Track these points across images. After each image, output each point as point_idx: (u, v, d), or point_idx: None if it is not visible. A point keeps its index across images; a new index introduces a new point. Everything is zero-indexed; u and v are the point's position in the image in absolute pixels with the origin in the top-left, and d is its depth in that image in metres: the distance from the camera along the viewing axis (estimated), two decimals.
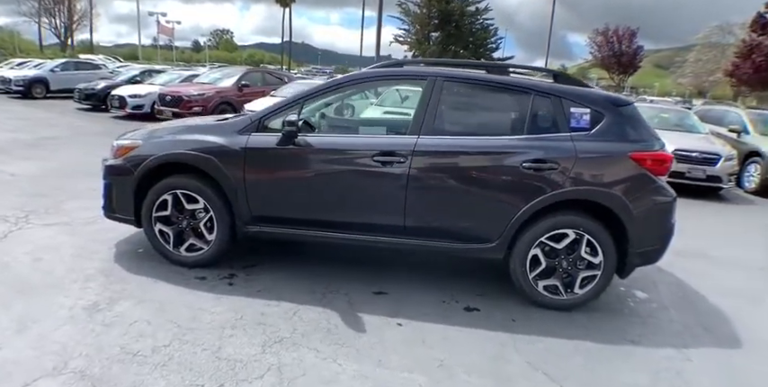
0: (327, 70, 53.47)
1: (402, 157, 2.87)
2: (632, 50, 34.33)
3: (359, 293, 3.05)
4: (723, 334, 2.93)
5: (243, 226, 3.12)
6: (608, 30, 34.97)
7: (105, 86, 11.86)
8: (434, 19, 29.81)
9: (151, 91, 11.01)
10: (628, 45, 34.31)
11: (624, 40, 34.33)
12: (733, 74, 24.25)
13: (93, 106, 12.00)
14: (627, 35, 34.38)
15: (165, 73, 13.28)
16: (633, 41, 34.33)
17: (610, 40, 34.70)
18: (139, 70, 13.80)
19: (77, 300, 2.71)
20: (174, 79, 12.22)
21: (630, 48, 34.31)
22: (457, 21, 29.55)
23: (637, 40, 34.33)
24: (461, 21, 29.75)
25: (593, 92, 3.06)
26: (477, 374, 2.31)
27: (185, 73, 13.07)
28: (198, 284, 3.01)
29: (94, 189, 4.98)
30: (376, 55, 18.77)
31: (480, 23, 30.77)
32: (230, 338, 2.43)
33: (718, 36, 35.13)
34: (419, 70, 3.12)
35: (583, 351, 2.60)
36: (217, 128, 3.12)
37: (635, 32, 34.34)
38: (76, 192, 4.86)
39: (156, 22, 31.24)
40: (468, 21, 30.32)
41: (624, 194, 2.83)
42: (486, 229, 2.94)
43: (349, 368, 2.27)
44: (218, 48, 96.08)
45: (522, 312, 2.97)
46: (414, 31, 31.47)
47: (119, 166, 3.18)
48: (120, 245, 3.57)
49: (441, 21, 29.54)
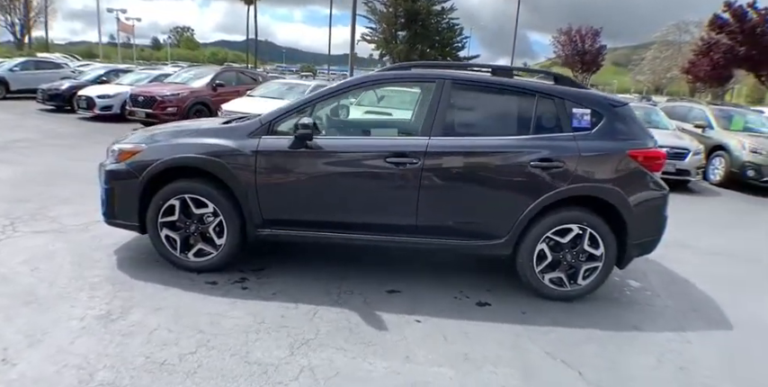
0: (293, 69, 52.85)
1: (415, 158, 2.93)
2: (595, 49, 35.72)
3: (373, 293, 3.09)
4: (715, 317, 3.15)
5: (254, 229, 3.10)
6: (571, 29, 36.22)
7: (70, 86, 11.29)
8: (401, 18, 29.99)
9: (120, 91, 10.58)
10: (591, 44, 35.67)
11: (587, 39, 35.67)
12: (689, 71, 25.61)
13: (57, 107, 11.42)
14: (590, 35, 35.74)
15: (133, 72, 12.78)
16: (596, 40, 35.73)
17: (573, 39, 35.96)
18: (105, 70, 13.21)
19: (87, 309, 2.63)
20: (142, 79, 11.78)
21: (593, 47, 35.69)
22: (423, 20, 29.85)
23: (600, 39, 35.78)
24: (428, 20, 30.07)
25: (592, 93, 3.22)
26: (501, 365, 2.41)
27: (154, 72, 12.60)
28: (210, 289, 2.98)
29: (80, 194, 4.85)
30: (350, 53, 18.72)
31: (446, 23, 31.20)
32: (256, 343, 2.43)
33: (675, 34, 37.01)
34: (427, 73, 3.19)
35: (593, 339, 2.75)
36: (226, 131, 3.08)
37: (598, 32, 35.77)
38: (61, 197, 4.66)
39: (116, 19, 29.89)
40: (435, 20, 30.67)
41: (624, 190, 2.99)
42: (496, 227, 3.04)
43: (379, 366, 2.32)
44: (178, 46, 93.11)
45: (530, 305, 3.10)
46: (380, 29, 31.60)
47: (122, 171, 3.09)
48: (120, 252, 3.47)
49: (407, 20, 29.75)
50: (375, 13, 30.54)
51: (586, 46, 35.54)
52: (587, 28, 35.93)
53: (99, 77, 12.30)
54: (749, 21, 17.20)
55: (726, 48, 18.60)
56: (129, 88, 10.56)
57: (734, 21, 17.64)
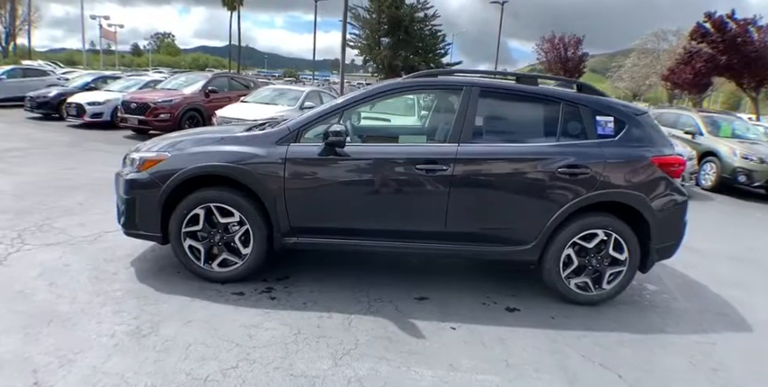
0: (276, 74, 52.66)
1: (444, 165, 2.94)
2: (578, 57, 36.51)
3: (402, 300, 3.08)
4: (734, 319, 3.23)
5: (281, 238, 3.06)
6: (554, 37, 37.03)
7: (58, 94, 11.00)
8: (384, 24, 30.28)
9: (110, 98, 10.35)
10: (573, 52, 36.50)
11: (570, 47, 36.52)
12: (668, 78, 26.44)
13: (45, 115, 11.10)
14: (573, 42, 36.57)
15: (123, 79, 12.53)
16: (579, 48, 36.58)
17: (557, 46, 36.74)
18: (93, 77, 12.91)
19: (115, 325, 2.53)
20: (132, 85, 11.55)
21: (576, 54, 36.51)
22: (406, 26, 30.19)
23: (582, 47, 36.68)
24: (411, 26, 30.43)
25: (614, 101, 3.30)
26: (543, 371, 2.42)
27: (143, 79, 12.39)
28: (239, 300, 2.92)
29: (81, 204, 4.72)
30: (341, 60, 18.77)
31: (429, 29, 31.62)
32: (297, 354, 2.38)
33: (654, 43, 38.18)
34: (455, 80, 3.22)
35: (625, 342, 2.79)
36: (252, 139, 3.04)
37: (580, 40, 36.58)
38: (64, 207, 4.52)
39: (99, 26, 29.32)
40: (418, 27, 31.06)
41: (648, 196, 3.06)
42: (523, 232, 3.07)
43: (425, 375, 2.30)
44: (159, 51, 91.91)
45: (558, 309, 3.12)
46: (364, 36, 31.83)
47: (144, 180, 3.01)
48: (137, 263, 3.38)
49: (390, 26, 30.06)
50: (359, 19, 30.76)
51: (569, 53, 36.38)
52: (570, 36, 36.83)
53: (87, 84, 12.02)
54: (730, 31, 17.95)
55: (707, 56, 19.32)
56: (118, 95, 10.34)
57: (715, 31, 18.36)
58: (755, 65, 17.96)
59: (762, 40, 18.00)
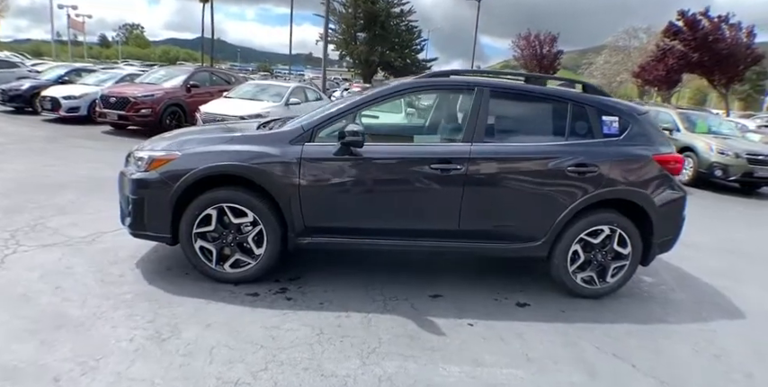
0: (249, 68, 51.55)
1: (458, 164, 2.98)
2: (552, 54, 37.33)
3: (417, 298, 3.11)
4: (727, 307, 3.42)
5: (295, 238, 3.04)
6: (530, 34, 37.68)
7: (31, 87, 10.45)
8: (360, 19, 30.07)
9: (87, 92, 9.92)
10: (549, 49, 37.25)
11: (546, 44, 37.24)
12: (639, 75, 27.27)
13: (17, 108, 10.55)
14: (548, 40, 37.33)
15: (98, 72, 12.01)
16: (553, 46, 37.37)
17: (533, 44, 37.42)
18: (66, 69, 12.31)
19: (132, 330, 2.47)
20: (108, 79, 11.09)
21: (551, 52, 37.29)
22: (383, 22, 30.10)
23: (557, 44, 37.49)
24: (387, 22, 30.36)
25: (618, 101, 3.40)
26: (562, 363, 2.51)
27: (120, 72, 11.91)
28: (255, 302, 2.89)
29: (71, 202, 4.55)
30: (323, 55, 18.54)
31: (405, 25, 31.59)
32: (324, 354, 2.39)
33: (625, 40, 39.22)
34: (466, 80, 3.24)
35: (632, 333, 2.91)
36: (266, 138, 2.99)
37: (555, 38, 37.39)
38: (54, 206, 4.35)
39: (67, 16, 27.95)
40: (394, 22, 31.00)
41: (650, 192, 3.19)
42: (534, 229, 3.15)
43: (453, 371, 2.35)
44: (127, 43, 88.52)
45: (565, 304, 3.23)
46: (340, 30, 31.51)
47: (153, 180, 2.93)
48: (142, 265, 3.29)
49: (367, 21, 29.91)
50: (334, 13, 30.41)
51: (544, 51, 37.10)
52: (546, 33, 37.55)
53: (61, 77, 11.46)
54: (702, 29, 18.65)
55: (680, 54, 20.03)
56: (95, 89, 9.92)
57: (687, 29, 19.04)
58: (726, 62, 18.74)
59: (733, 37, 18.77)
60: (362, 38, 30.85)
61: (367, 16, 29.75)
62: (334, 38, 32.16)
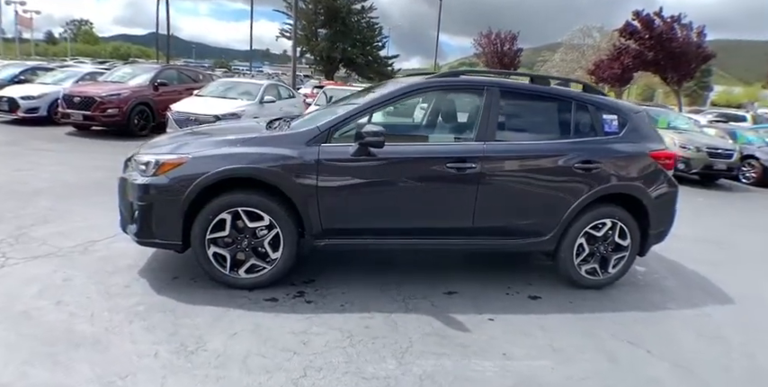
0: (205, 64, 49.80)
1: (473, 163, 3.03)
2: (513, 52, 38.43)
3: (434, 296, 3.15)
4: (717, 293, 3.66)
5: (312, 240, 2.99)
6: (491, 33, 38.60)
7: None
8: (321, 15, 29.71)
9: (46, 91, 9.27)
10: (509, 47, 38.31)
11: (506, 42, 38.27)
12: (594, 72, 28.53)
13: None
14: (509, 38, 38.36)
15: (56, 71, 11.23)
16: (514, 44, 38.45)
17: (494, 42, 38.35)
18: (21, 68, 11.42)
19: (154, 344, 2.36)
20: (67, 77, 10.40)
21: (512, 50, 38.36)
22: (344, 18, 29.88)
23: (517, 42, 38.58)
24: (348, 18, 30.14)
25: (616, 100, 3.56)
26: (585, 351, 2.62)
27: (80, 70, 11.19)
28: (275, 307, 2.83)
29: (51, 209, 4.26)
30: (293, 53, 18.20)
31: (366, 22, 31.52)
32: (359, 357, 2.37)
33: (580, 38, 40.85)
34: (477, 80, 3.30)
35: (639, 320, 3.08)
36: (281, 139, 2.92)
37: (515, 36, 38.49)
38: (35, 215, 4.06)
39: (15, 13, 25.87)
40: (355, 18, 30.84)
41: (648, 187, 3.37)
42: (544, 225, 3.26)
43: (486, 366, 2.40)
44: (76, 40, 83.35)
45: (573, 295, 3.36)
46: (300, 26, 31.01)
47: (162, 185, 2.80)
48: (146, 274, 3.14)
49: (327, 17, 29.57)
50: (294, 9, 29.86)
51: (505, 48, 38.12)
52: (506, 32, 38.57)
53: (15, 77, 10.62)
54: (657, 28, 19.76)
55: (635, 53, 21.14)
56: (54, 88, 9.30)
57: (643, 28, 20.13)
58: (679, 60, 19.94)
59: (685, 37, 19.98)
60: (323, 34, 30.47)
61: (328, 12, 29.38)
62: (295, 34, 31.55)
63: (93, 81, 9.92)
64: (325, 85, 16.81)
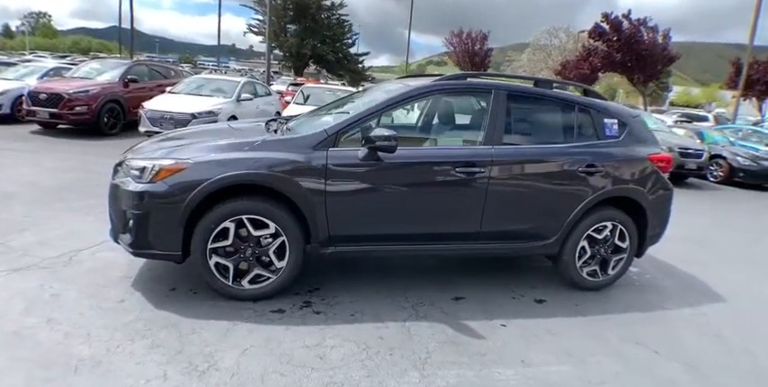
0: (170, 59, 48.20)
1: (482, 167, 3.00)
2: (483, 52, 39.01)
3: (442, 302, 3.11)
4: (708, 292, 3.80)
5: (318, 248, 2.89)
6: (462, 32, 39.05)
7: None
8: (290, 10, 29.23)
9: (8, 88, 8.67)
10: (480, 47, 38.86)
11: (477, 42, 38.80)
12: (560, 72, 29.27)
13: None
14: (480, 38, 38.91)
15: (19, 66, 10.50)
16: (485, 43, 39.01)
17: (465, 41, 38.82)
18: None
19: (161, 365, 2.20)
20: (30, 73, 9.76)
21: (482, 49, 38.93)
22: (313, 14, 29.52)
23: (487, 42, 39.15)
24: (318, 14, 29.81)
25: (615, 104, 3.61)
26: (598, 354, 2.65)
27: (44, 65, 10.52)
28: (284, 319, 2.72)
29: (26, 216, 3.98)
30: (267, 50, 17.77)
31: (336, 18, 31.23)
32: (379, 370, 2.30)
33: (546, 39, 41.89)
34: (484, 83, 3.27)
35: (639, 321, 3.14)
36: (288, 143, 2.80)
37: (486, 36, 39.07)
38: (10, 222, 3.79)
39: None
40: (325, 15, 30.51)
41: (647, 189, 3.44)
42: (548, 228, 3.27)
43: (507, 374, 2.38)
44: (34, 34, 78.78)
45: (576, 297, 3.40)
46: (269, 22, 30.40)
47: (160, 192, 2.62)
48: (140, 286, 2.96)
49: (297, 13, 29.13)
50: (263, 4, 29.21)
51: (476, 48, 38.66)
52: (477, 32, 39.11)
53: None
54: (625, 31, 20.46)
55: (604, 54, 21.84)
56: (18, 84, 8.72)
57: (611, 30, 20.81)
58: (645, 62, 20.72)
59: (651, 39, 20.77)
60: (293, 30, 29.96)
61: (297, 8, 28.90)
62: (263, 29, 30.92)
63: (59, 77, 9.33)
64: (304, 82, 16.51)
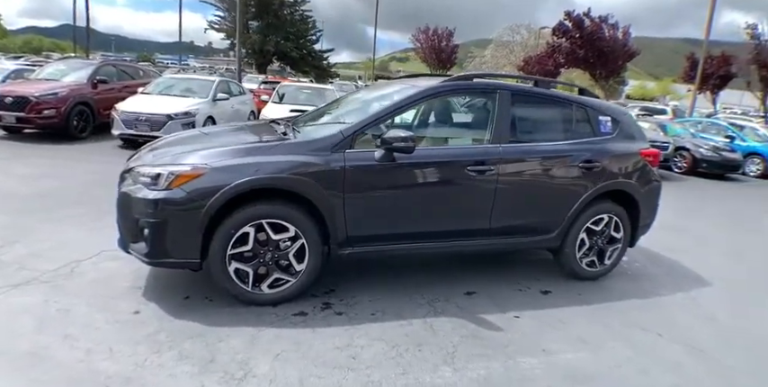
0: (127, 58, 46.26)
1: (492, 165, 3.11)
2: (450, 48, 39.54)
3: (456, 297, 3.20)
4: (693, 277, 4.06)
5: (337, 249, 2.91)
6: (429, 29, 39.44)
7: None
8: (252, 7, 28.66)
9: None
10: (446, 43, 39.36)
11: (443, 38, 39.27)
12: (523, 69, 30.14)
13: None
14: (446, 35, 39.41)
15: None
16: (450, 40, 39.52)
17: (431, 38, 39.22)
18: None
19: (196, 376, 2.16)
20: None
21: (448, 46, 39.44)
22: (276, 10, 29.08)
23: (453, 39, 39.67)
24: (280, 10, 29.39)
25: (607, 102, 3.80)
26: (610, 340, 2.81)
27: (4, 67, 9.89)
28: (307, 322, 2.72)
29: (9, 227, 3.79)
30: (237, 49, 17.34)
31: (300, 14, 30.85)
32: (412, 367, 2.36)
33: (509, 36, 42.90)
34: (490, 84, 3.36)
35: (637, 307, 3.34)
36: (305, 146, 2.79)
37: (452, 32, 39.61)
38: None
39: None
40: (288, 11, 30.10)
41: (639, 182, 3.65)
42: (551, 222, 3.42)
43: (532, 363, 2.49)
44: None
45: (579, 287, 3.56)
46: (230, 18, 29.72)
47: (179, 199, 2.57)
48: (152, 296, 2.89)
49: (259, 9, 28.60)
50: (225, 0, 28.50)
51: (442, 45, 39.14)
52: (443, 28, 39.57)
53: None
54: (586, 28, 21.33)
55: (568, 50, 22.69)
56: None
57: (574, 28, 21.65)
58: (607, 58, 21.70)
59: (611, 35, 21.74)
60: (255, 27, 29.35)
61: (259, 4, 28.32)
62: (224, 26, 30.19)
63: (22, 79, 8.80)
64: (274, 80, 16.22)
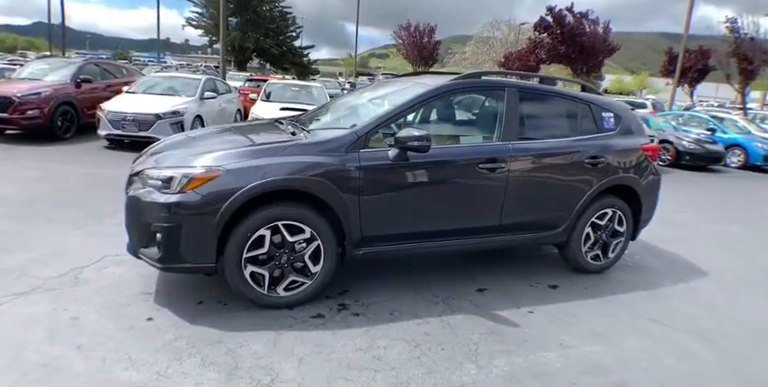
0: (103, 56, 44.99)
1: (503, 163, 3.13)
2: (432, 45, 39.53)
3: (470, 294, 3.22)
4: (693, 268, 4.17)
5: (352, 250, 2.90)
6: (410, 25, 39.34)
7: None
8: (230, 3, 28.21)
9: None
10: (428, 40, 39.33)
11: (425, 35, 39.23)
12: (504, 64, 30.38)
13: None
14: (427, 31, 39.35)
15: None
16: (432, 36, 39.51)
17: (413, 34, 39.14)
18: None
19: (222, 384, 2.12)
20: None
21: (430, 42, 39.43)
22: (255, 7, 28.67)
23: (435, 35, 39.66)
24: (259, 7, 28.98)
25: (609, 99, 3.86)
26: (622, 333, 2.87)
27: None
28: (326, 324, 2.70)
29: (7, 232, 3.68)
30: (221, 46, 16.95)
31: (279, 11, 30.46)
32: (437, 366, 2.37)
33: (489, 32, 43.18)
34: (499, 81, 3.37)
35: (643, 299, 3.42)
36: (320, 147, 2.76)
37: (433, 29, 39.56)
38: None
39: None
40: (267, 7, 29.70)
41: (640, 177, 3.73)
42: (558, 218, 3.47)
43: (551, 357, 2.53)
44: None
45: (585, 281, 3.63)
46: (208, 15, 29.19)
47: (193, 203, 2.51)
48: (164, 301, 2.82)
49: (237, 5, 28.15)
50: None
51: (424, 41, 39.12)
52: (425, 25, 39.49)
53: None
54: (568, 24, 21.59)
55: (549, 46, 22.94)
56: None
57: (555, 23, 21.89)
58: (588, 53, 22.02)
59: (592, 31, 22.06)
60: (234, 23, 28.86)
61: (238, 0, 27.83)
62: (202, 23, 29.63)
63: (3, 78, 8.47)
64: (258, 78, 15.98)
